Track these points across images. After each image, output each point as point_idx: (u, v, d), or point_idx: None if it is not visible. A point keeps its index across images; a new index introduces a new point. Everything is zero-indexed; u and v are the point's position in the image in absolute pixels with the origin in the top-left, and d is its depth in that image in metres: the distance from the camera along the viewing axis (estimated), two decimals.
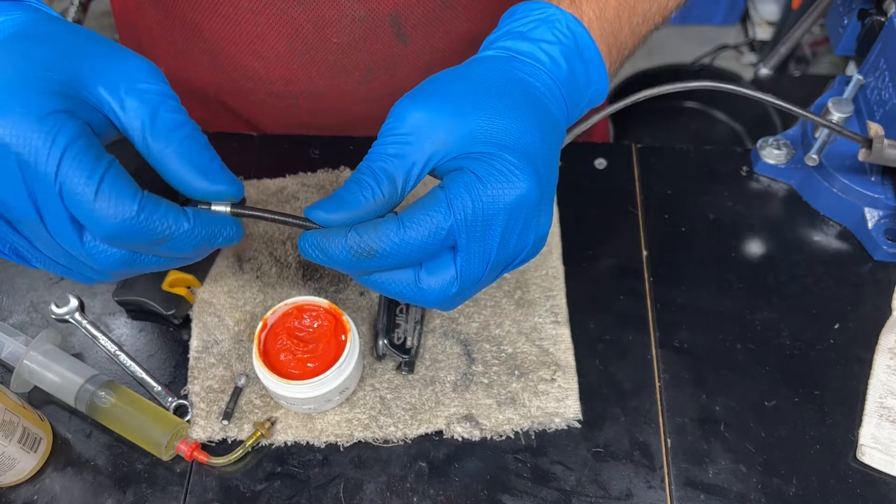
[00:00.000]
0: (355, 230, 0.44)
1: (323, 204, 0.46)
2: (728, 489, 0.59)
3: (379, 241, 0.44)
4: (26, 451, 0.57)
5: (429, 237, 0.44)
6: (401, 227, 0.44)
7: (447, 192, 0.44)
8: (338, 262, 0.45)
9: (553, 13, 0.51)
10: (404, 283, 0.47)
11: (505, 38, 0.51)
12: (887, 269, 0.70)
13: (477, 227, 0.45)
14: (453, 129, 0.46)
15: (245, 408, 0.61)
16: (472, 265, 0.46)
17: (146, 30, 0.83)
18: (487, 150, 0.45)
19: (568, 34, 0.51)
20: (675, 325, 0.67)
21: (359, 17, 0.73)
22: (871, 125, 0.63)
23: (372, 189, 0.45)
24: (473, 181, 0.44)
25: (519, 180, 0.44)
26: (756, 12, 2.13)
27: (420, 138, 0.46)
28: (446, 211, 0.44)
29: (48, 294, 0.68)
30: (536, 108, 0.48)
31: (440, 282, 0.46)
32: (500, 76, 0.48)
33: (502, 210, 0.45)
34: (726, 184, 0.76)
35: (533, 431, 0.61)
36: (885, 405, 0.62)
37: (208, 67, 0.81)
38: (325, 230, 0.45)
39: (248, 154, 0.76)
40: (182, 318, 0.66)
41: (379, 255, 0.44)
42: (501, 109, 0.46)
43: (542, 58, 0.50)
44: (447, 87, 0.48)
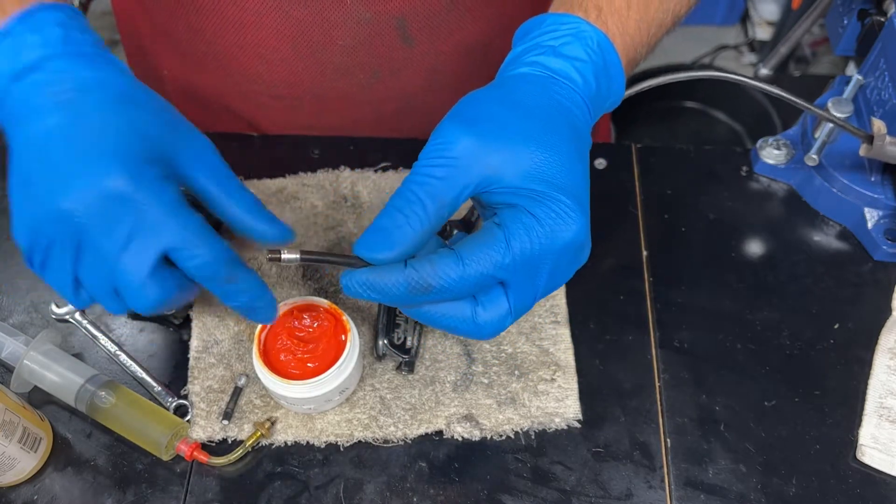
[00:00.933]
0: (412, 267, 0.45)
1: (372, 243, 0.46)
2: (728, 489, 0.59)
3: (437, 277, 0.45)
4: (26, 451, 0.57)
5: (486, 274, 0.45)
6: (460, 264, 0.45)
7: (505, 230, 0.45)
8: (391, 299, 0.46)
9: (584, 29, 0.51)
10: (461, 319, 0.48)
11: (537, 52, 0.51)
12: (887, 269, 0.70)
13: (531, 265, 0.46)
14: (506, 161, 0.46)
15: (245, 408, 0.61)
16: (523, 300, 0.47)
17: (148, 32, 0.83)
18: (542, 188, 0.46)
19: (598, 52, 0.51)
20: (675, 325, 0.67)
21: (364, 19, 0.73)
22: (875, 121, 0.63)
23: (420, 220, 0.45)
24: (532, 222, 0.45)
25: (574, 222, 0.46)
26: (756, 12, 2.13)
27: (469, 164, 0.46)
28: (505, 250, 0.45)
29: (48, 294, 0.68)
30: (577, 137, 0.49)
31: (495, 316, 0.47)
32: (544, 102, 0.49)
33: (557, 250, 0.46)
34: (726, 184, 0.76)
35: (533, 431, 0.61)
36: (884, 405, 0.62)
37: (211, 70, 0.81)
38: (377, 268, 0.46)
39: (248, 154, 0.76)
40: (182, 318, 0.66)
41: (436, 291, 0.45)
42: (552, 144, 0.47)
43: (576, 78, 0.50)
44: (493, 112, 0.48)
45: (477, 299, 0.48)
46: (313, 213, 0.71)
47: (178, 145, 0.49)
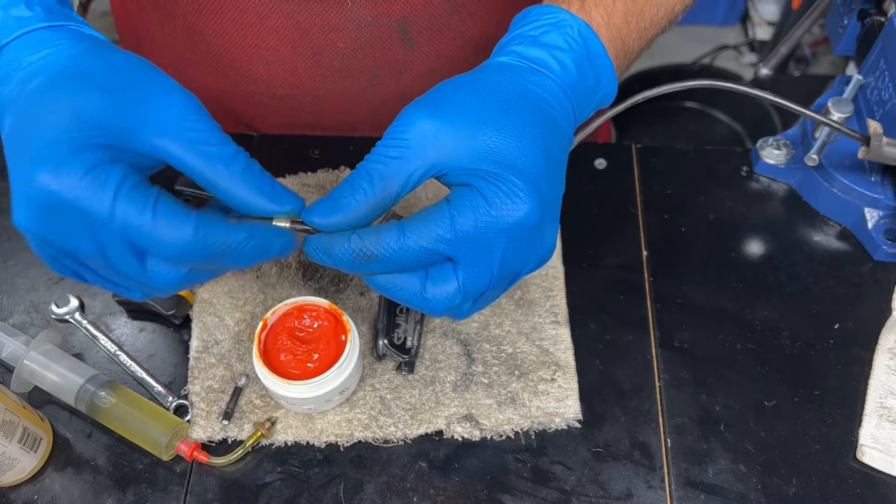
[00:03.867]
0: (357, 234, 0.46)
1: (318, 208, 0.47)
2: (728, 489, 0.59)
3: (379, 246, 0.46)
4: (26, 451, 0.57)
5: (427, 247, 0.46)
6: (401, 235, 0.46)
7: (452, 207, 0.46)
8: (341, 264, 0.47)
9: (564, 18, 0.51)
10: (410, 291, 0.48)
11: (517, 42, 0.51)
12: (887, 269, 0.70)
13: (478, 244, 0.46)
14: (461, 141, 0.47)
15: (245, 408, 0.61)
16: (474, 279, 0.47)
17: (147, 32, 0.82)
18: (494, 169, 0.46)
19: (579, 40, 0.51)
20: (675, 325, 0.67)
21: (365, 21, 0.73)
22: (871, 123, 0.63)
23: (364, 192, 0.46)
24: (479, 201, 0.46)
25: (522, 202, 0.46)
26: (756, 12, 2.13)
27: (424, 145, 0.47)
28: (448, 225, 0.46)
29: (48, 294, 0.68)
30: (544, 123, 0.49)
31: (444, 293, 0.48)
32: (510, 88, 0.49)
33: (504, 230, 0.46)
34: (726, 184, 0.76)
35: (533, 431, 0.61)
36: (884, 405, 0.62)
37: (210, 71, 0.81)
38: (329, 234, 0.47)
39: (248, 154, 0.76)
40: (182, 318, 0.66)
41: (379, 259, 0.46)
42: (510, 128, 0.47)
43: (553, 65, 0.50)
44: (457, 96, 0.48)
45: (428, 274, 0.48)
46: None
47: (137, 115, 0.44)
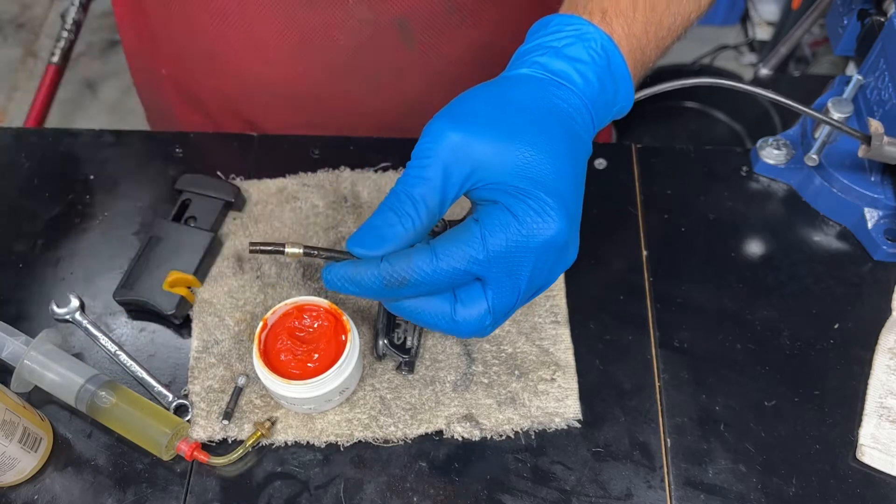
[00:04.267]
0: (388, 261, 0.46)
1: (364, 240, 0.46)
2: (728, 489, 0.59)
3: (411, 271, 0.45)
4: (27, 451, 0.57)
5: (460, 269, 0.45)
6: (433, 258, 0.45)
7: (482, 226, 0.45)
8: (368, 292, 0.47)
9: (588, 31, 0.50)
10: (439, 315, 0.48)
11: (539, 53, 0.51)
12: (887, 269, 0.70)
13: (508, 263, 0.46)
14: (491, 157, 0.46)
15: (245, 408, 0.61)
16: (503, 298, 0.47)
17: (148, 32, 0.82)
18: (524, 186, 0.45)
19: (602, 53, 0.50)
20: (675, 325, 0.67)
21: (366, 19, 0.73)
22: (872, 122, 0.63)
23: (412, 219, 0.46)
24: (509, 220, 0.45)
25: (553, 220, 0.45)
26: (756, 12, 2.13)
27: (458, 161, 0.46)
28: (480, 246, 0.45)
29: (48, 294, 0.68)
30: (570, 138, 0.49)
31: (475, 314, 0.47)
32: (536, 102, 0.48)
33: (534, 249, 0.46)
34: (726, 184, 0.76)
35: (533, 431, 0.61)
36: (884, 405, 0.62)
37: (212, 70, 0.81)
38: (355, 262, 0.46)
39: (248, 154, 0.77)
40: (182, 318, 0.66)
41: (410, 284, 0.46)
42: (540, 144, 0.47)
43: (576, 79, 0.50)
44: (484, 109, 0.48)
45: (456, 296, 0.48)
46: (313, 213, 0.71)
47: None
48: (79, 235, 0.71)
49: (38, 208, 0.73)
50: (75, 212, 0.73)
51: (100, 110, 2.17)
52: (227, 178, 0.73)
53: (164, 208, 0.72)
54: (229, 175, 0.73)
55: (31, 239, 0.71)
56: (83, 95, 2.20)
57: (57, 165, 0.76)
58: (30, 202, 0.73)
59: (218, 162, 0.75)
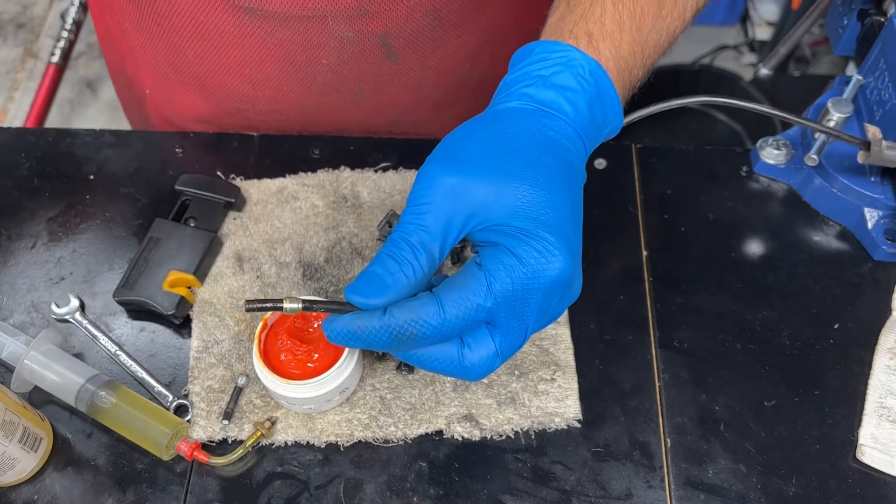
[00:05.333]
0: (392, 314, 0.44)
1: (364, 289, 0.45)
2: (728, 489, 0.59)
3: (417, 325, 0.44)
4: (27, 451, 0.57)
5: (468, 318, 0.44)
6: (440, 310, 0.44)
7: (486, 272, 0.44)
8: (374, 346, 0.45)
9: (575, 57, 0.49)
10: (447, 361, 0.47)
11: (526, 83, 0.49)
12: (887, 269, 0.70)
13: (515, 305, 0.45)
14: (489, 198, 0.45)
15: (245, 408, 0.61)
16: (511, 339, 0.46)
17: (130, 53, 0.82)
18: (525, 226, 0.45)
19: (590, 80, 0.49)
20: (675, 325, 0.67)
21: (347, 38, 0.72)
22: (869, 128, 0.63)
23: (413, 267, 0.45)
24: (514, 263, 0.44)
25: (557, 259, 0.45)
26: (756, 12, 2.13)
27: (455, 206, 0.45)
28: (486, 293, 0.44)
29: (48, 294, 0.68)
30: (566, 171, 0.48)
31: (482, 357, 0.47)
32: (530, 137, 0.47)
33: (540, 289, 0.45)
34: (726, 184, 0.76)
35: (533, 431, 0.61)
36: (884, 405, 0.62)
37: (196, 90, 0.80)
38: (357, 315, 0.45)
39: (248, 154, 0.77)
40: (182, 318, 0.66)
41: (418, 338, 0.44)
42: (537, 181, 0.46)
43: (567, 109, 0.49)
44: (477, 149, 0.47)
45: (463, 340, 0.47)
46: (313, 213, 0.71)
47: None
48: (79, 235, 0.71)
49: (38, 208, 0.73)
50: (75, 212, 0.73)
51: (100, 110, 2.17)
52: (227, 178, 0.73)
53: (164, 208, 0.72)
54: (229, 175, 0.73)
55: (31, 239, 0.71)
56: (83, 95, 2.20)
57: (57, 165, 0.76)
58: (30, 202, 0.73)
59: (218, 162, 0.75)
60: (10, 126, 0.95)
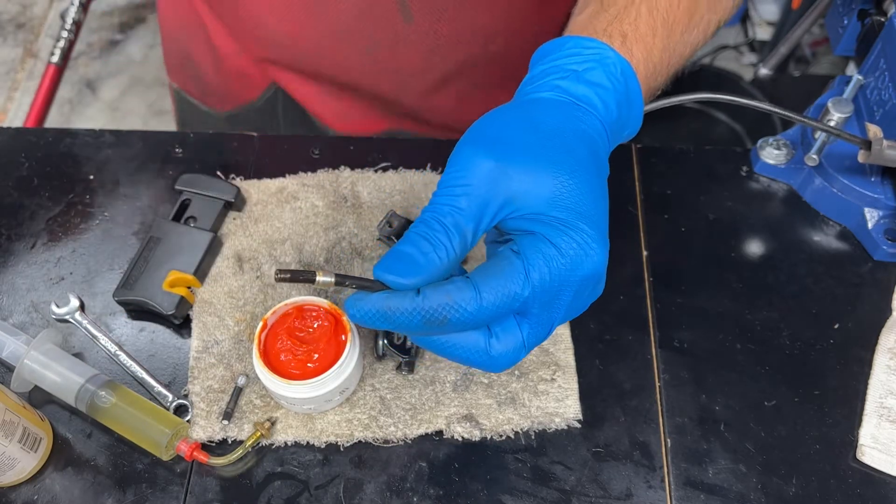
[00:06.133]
0: (426, 296, 0.43)
1: (394, 267, 0.43)
2: (728, 489, 0.59)
3: (452, 310, 0.43)
4: (26, 451, 0.57)
5: (504, 306, 0.43)
6: (477, 296, 0.43)
7: (525, 261, 0.43)
8: (403, 329, 0.44)
9: (609, 56, 0.49)
10: (473, 351, 0.45)
11: (559, 76, 0.49)
12: (887, 269, 0.70)
13: (549, 297, 0.44)
14: (527, 186, 0.44)
15: (245, 408, 0.61)
16: (538, 332, 0.45)
17: None
18: (564, 216, 0.44)
19: (621, 80, 0.49)
20: (675, 325, 0.67)
21: None
22: (870, 127, 0.63)
23: (446, 248, 0.43)
24: (553, 253, 0.43)
25: (595, 252, 0.44)
26: (756, 12, 2.13)
27: (491, 189, 0.44)
28: (524, 281, 0.43)
29: (48, 294, 0.68)
30: (598, 165, 0.47)
31: (509, 348, 0.45)
32: (566, 127, 0.47)
33: (576, 282, 0.44)
34: (726, 184, 0.76)
35: (533, 431, 0.61)
36: (884, 405, 0.62)
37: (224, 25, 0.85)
38: (388, 294, 0.43)
39: (248, 154, 0.77)
40: (182, 318, 0.66)
41: (451, 323, 0.43)
42: (575, 170, 0.45)
43: (598, 105, 0.48)
44: (515, 135, 0.46)
45: (491, 330, 0.45)
46: (313, 213, 0.71)
47: None
48: (79, 235, 0.71)
49: (38, 208, 0.73)
50: (75, 212, 0.73)
51: (100, 110, 2.17)
52: (227, 178, 0.73)
53: (164, 208, 0.72)
54: (229, 175, 0.74)
55: (31, 239, 0.71)
56: (83, 95, 2.20)
57: (57, 165, 0.76)
58: (30, 202, 0.73)
59: (218, 162, 0.75)
60: (10, 126, 0.95)
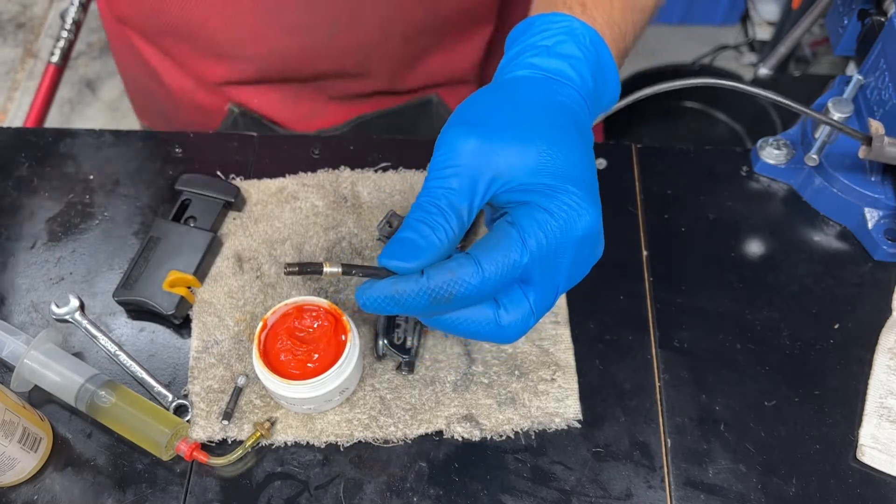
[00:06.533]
0: (430, 276, 0.44)
1: (397, 252, 0.45)
2: (728, 489, 0.59)
3: (457, 285, 0.44)
4: (26, 451, 0.57)
5: (506, 275, 0.44)
6: (479, 269, 0.44)
7: (520, 229, 0.45)
8: (412, 310, 0.45)
9: (576, 26, 0.50)
10: (483, 323, 0.46)
11: (532, 53, 0.50)
12: (887, 269, 0.70)
13: (549, 261, 0.45)
14: (513, 158, 0.46)
15: (245, 408, 0.61)
16: (544, 297, 0.47)
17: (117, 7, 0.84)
18: (552, 182, 0.45)
19: (591, 49, 0.50)
20: (675, 325, 0.67)
21: None
22: (872, 122, 0.63)
23: (444, 229, 0.45)
24: (545, 217, 0.45)
25: (587, 211, 0.45)
26: (756, 12, 2.13)
27: (480, 168, 0.45)
28: (522, 248, 0.44)
29: (48, 294, 0.68)
30: (581, 133, 0.49)
31: (518, 317, 0.46)
32: (546, 100, 0.48)
33: (572, 243, 0.45)
34: (726, 184, 0.76)
35: (533, 431, 0.61)
36: (885, 405, 0.62)
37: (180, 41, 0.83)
38: (394, 279, 0.45)
39: (248, 154, 0.77)
40: (182, 318, 0.66)
41: (457, 298, 0.44)
42: (557, 139, 0.46)
43: (573, 76, 0.50)
44: (498, 113, 0.47)
45: (498, 301, 0.46)
46: (313, 213, 0.71)
47: None
48: (79, 235, 0.71)
49: (37, 208, 0.73)
50: (75, 212, 0.73)
51: (100, 110, 2.17)
52: (227, 178, 0.73)
53: (164, 208, 0.72)
54: (229, 175, 0.73)
55: (31, 239, 0.71)
56: (83, 95, 2.20)
57: (57, 165, 0.76)
58: (30, 202, 0.73)
59: (218, 162, 0.75)
60: (10, 126, 0.95)
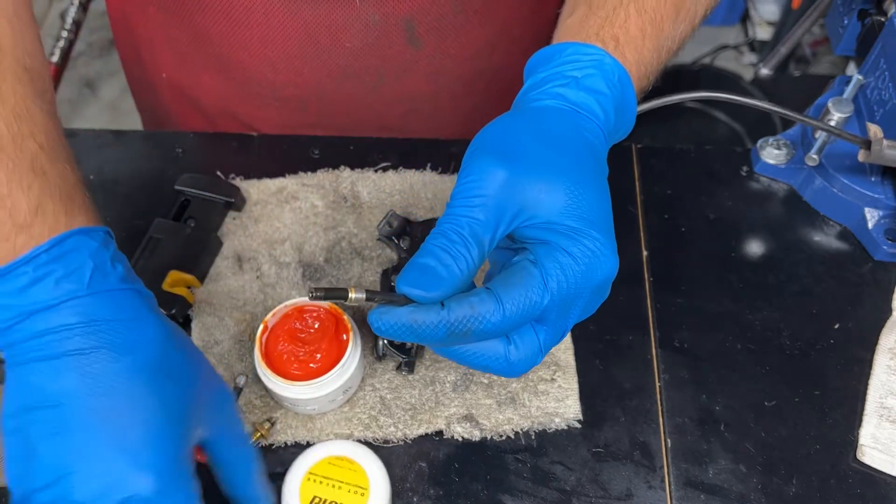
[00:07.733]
0: (451, 309, 0.44)
1: (419, 281, 0.44)
2: (728, 489, 0.59)
3: (477, 322, 0.44)
4: None
5: (526, 315, 0.45)
6: (500, 307, 0.44)
7: (542, 270, 0.45)
8: (428, 340, 0.45)
9: (606, 62, 0.50)
10: (493, 358, 0.47)
11: (560, 83, 0.50)
12: (887, 269, 0.70)
13: (564, 304, 0.46)
14: (541, 195, 0.45)
15: (245, 408, 0.61)
16: (554, 337, 0.47)
17: (146, 34, 0.82)
18: (577, 225, 0.45)
19: (618, 85, 0.50)
20: (675, 325, 0.67)
21: (372, 21, 0.72)
22: (871, 126, 0.63)
23: (466, 260, 0.45)
24: (569, 262, 0.45)
25: (607, 260, 0.46)
26: (756, 12, 2.13)
27: (507, 201, 0.45)
28: (543, 290, 0.44)
29: None
30: (601, 171, 0.49)
31: (527, 354, 0.47)
32: (573, 136, 0.48)
33: (591, 289, 0.46)
34: (726, 184, 0.76)
35: (533, 431, 0.61)
36: (885, 405, 0.62)
37: (215, 73, 0.80)
38: (413, 308, 0.44)
39: (248, 154, 0.76)
40: (182, 318, 0.66)
41: (475, 334, 0.44)
42: (583, 180, 0.47)
43: (598, 112, 0.49)
44: (525, 145, 0.47)
45: (509, 338, 0.47)
46: (313, 213, 0.71)
47: (205, 415, 0.49)
48: None
49: None
50: None
51: (100, 110, 2.17)
52: (227, 178, 0.73)
53: (164, 208, 0.72)
54: (229, 175, 0.73)
55: None
56: (83, 95, 2.20)
57: None
58: None
59: (218, 162, 0.75)
60: None
